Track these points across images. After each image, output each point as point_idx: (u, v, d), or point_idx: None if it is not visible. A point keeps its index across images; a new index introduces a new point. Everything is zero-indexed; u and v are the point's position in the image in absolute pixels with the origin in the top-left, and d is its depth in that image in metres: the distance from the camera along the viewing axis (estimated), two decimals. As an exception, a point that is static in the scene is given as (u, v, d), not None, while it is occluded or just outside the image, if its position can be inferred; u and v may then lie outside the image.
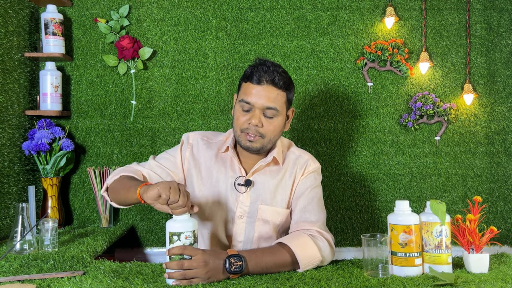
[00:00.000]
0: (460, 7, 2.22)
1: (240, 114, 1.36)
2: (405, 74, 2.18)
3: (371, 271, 1.16)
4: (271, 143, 1.39)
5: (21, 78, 1.96)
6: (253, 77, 1.34)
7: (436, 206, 1.17)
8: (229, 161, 1.44)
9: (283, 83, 1.35)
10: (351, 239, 2.18)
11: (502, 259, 1.30)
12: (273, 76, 1.33)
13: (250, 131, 1.34)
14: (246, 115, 1.35)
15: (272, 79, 1.33)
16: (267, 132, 1.35)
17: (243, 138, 1.36)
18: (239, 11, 2.18)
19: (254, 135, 1.34)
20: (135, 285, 1.09)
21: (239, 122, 1.36)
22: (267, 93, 1.33)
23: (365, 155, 2.19)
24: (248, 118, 1.34)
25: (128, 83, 2.15)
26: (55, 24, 2.01)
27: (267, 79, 1.33)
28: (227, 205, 1.42)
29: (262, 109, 1.33)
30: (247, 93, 1.34)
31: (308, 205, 1.40)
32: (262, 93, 1.32)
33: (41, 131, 1.94)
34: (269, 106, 1.33)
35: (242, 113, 1.36)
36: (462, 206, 2.18)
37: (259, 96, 1.32)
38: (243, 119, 1.35)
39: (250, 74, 1.35)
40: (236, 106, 1.39)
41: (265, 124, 1.34)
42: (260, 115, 1.34)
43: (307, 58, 2.18)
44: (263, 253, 1.22)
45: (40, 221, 1.51)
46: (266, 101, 1.32)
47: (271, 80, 1.33)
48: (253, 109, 1.34)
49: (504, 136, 2.21)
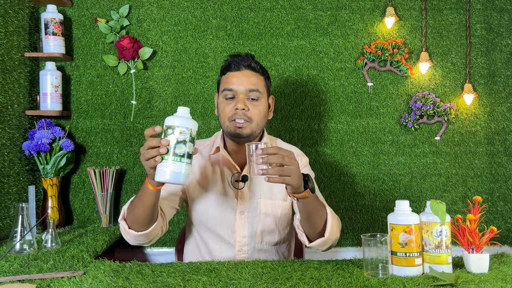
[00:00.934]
0: (460, 7, 2.22)
1: (225, 104, 1.39)
2: (405, 74, 2.18)
3: (371, 271, 1.16)
4: (259, 128, 1.40)
5: (21, 78, 1.96)
6: (231, 66, 1.41)
7: (436, 206, 1.17)
8: (222, 161, 1.45)
9: (260, 67, 1.42)
10: (351, 239, 2.18)
11: (502, 259, 1.30)
12: (249, 61, 1.40)
13: (237, 116, 1.36)
14: (231, 103, 1.38)
15: (249, 64, 1.40)
16: (253, 115, 1.37)
17: (232, 127, 1.38)
18: (239, 11, 2.18)
19: (242, 120, 1.36)
20: (135, 285, 1.09)
21: (226, 112, 1.38)
22: (247, 77, 1.38)
23: (365, 155, 2.19)
24: (233, 105, 1.37)
25: (128, 83, 2.15)
26: (55, 24, 2.01)
27: (244, 65, 1.40)
28: (227, 203, 1.42)
29: (245, 93, 1.37)
30: (228, 81, 1.39)
31: None
32: (242, 78, 1.38)
33: (41, 131, 1.94)
34: (252, 88, 1.37)
35: (226, 102, 1.39)
36: (462, 206, 2.18)
37: (240, 81, 1.38)
38: (229, 108, 1.38)
39: (227, 65, 1.42)
40: (220, 99, 1.42)
41: (251, 108, 1.37)
42: (244, 99, 1.37)
43: (307, 58, 2.18)
44: (318, 198, 1.25)
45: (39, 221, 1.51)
46: (248, 84, 1.37)
47: (248, 65, 1.40)
48: (236, 95, 1.38)
49: (504, 136, 2.21)
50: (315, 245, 1.27)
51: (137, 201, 1.24)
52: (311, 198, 1.20)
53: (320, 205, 1.26)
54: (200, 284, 1.09)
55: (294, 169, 1.12)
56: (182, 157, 1.07)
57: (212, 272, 1.20)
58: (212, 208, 1.44)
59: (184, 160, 1.07)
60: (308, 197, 1.19)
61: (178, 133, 1.06)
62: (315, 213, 1.24)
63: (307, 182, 1.17)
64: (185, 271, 1.21)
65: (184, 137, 1.06)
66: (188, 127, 1.07)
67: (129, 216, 1.28)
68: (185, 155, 1.07)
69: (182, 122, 1.07)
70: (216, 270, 1.22)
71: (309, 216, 1.24)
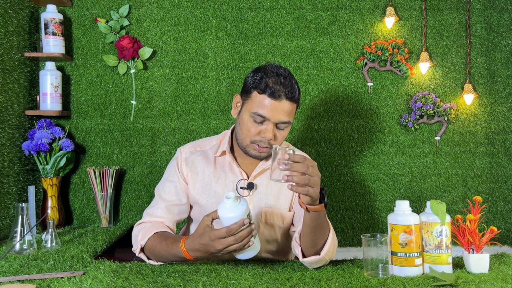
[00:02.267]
0: (460, 7, 2.22)
1: (252, 125, 1.30)
2: (405, 74, 2.18)
3: (371, 271, 1.16)
4: None
5: (21, 78, 1.96)
6: (268, 90, 1.26)
7: (436, 206, 1.17)
8: (228, 165, 1.42)
9: (298, 96, 1.31)
10: (351, 239, 2.18)
11: (502, 259, 1.30)
12: (293, 94, 1.28)
13: (262, 144, 1.31)
14: (258, 127, 1.30)
15: (292, 97, 1.28)
16: (277, 142, 1.33)
17: (252, 148, 1.33)
18: (239, 11, 2.18)
19: (266, 147, 1.32)
20: (135, 285, 1.09)
21: (250, 134, 1.31)
22: (283, 108, 1.28)
23: (365, 155, 2.19)
24: (260, 131, 1.30)
25: (128, 83, 2.15)
26: (55, 24, 2.01)
27: (286, 94, 1.26)
28: None
29: (276, 123, 1.30)
30: (262, 106, 1.27)
31: None
32: (279, 108, 1.27)
33: (41, 131, 1.94)
34: (285, 121, 1.30)
35: (254, 124, 1.30)
36: (462, 206, 2.18)
37: (276, 111, 1.27)
38: (255, 131, 1.30)
39: (265, 86, 1.27)
40: (246, 116, 1.32)
41: (277, 136, 1.32)
42: (274, 128, 1.30)
43: (307, 58, 2.18)
44: (326, 215, 1.24)
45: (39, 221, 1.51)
46: (282, 116, 1.28)
47: (290, 98, 1.28)
48: (266, 121, 1.29)
49: (504, 136, 2.21)
50: (308, 261, 1.24)
51: (163, 252, 1.25)
52: (321, 213, 1.18)
53: (326, 223, 1.23)
54: (200, 284, 1.09)
55: (317, 181, 1.10)
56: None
57: (212, 272, 1.20)
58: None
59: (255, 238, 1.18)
60: (320, 212, 1.17)
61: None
62: (320, 230, 1.21)
63: (323, 195, 1.16)
64: (185, 271, 1.21)
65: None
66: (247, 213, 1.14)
67: (149, 254, 1.31)
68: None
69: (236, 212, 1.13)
70: (216, 270, 1.22)
71: (314, 231, 1.21)
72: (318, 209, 1.15)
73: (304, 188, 1.08)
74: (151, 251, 1.29)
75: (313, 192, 1.10)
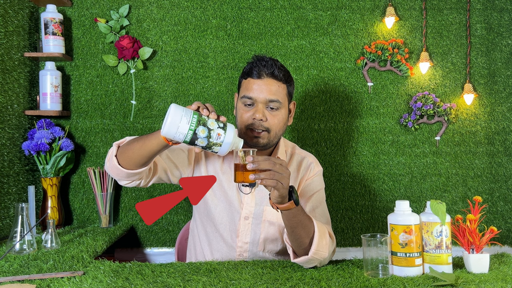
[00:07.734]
0: (460, 7, 2.22)
1: (243, 111, 1.35)
2: (405, 74, 2.18)
3: (371, 271, 1.16)
4: (276, 137, 1.38)
5: (21, 78, 1.96)
6: (252, 72, 1.34)
7: (436, 206, 1.17)
8: (232, 162, 1.43)
9: (283, 75, 1.35)
10: (351, 239, 2.18)
11: (502, 259, 1.30)
12: (272, 69, 1.33)
13: (255, 126, 1.33)
14: (249, 110, 1.34)
15: (272, 72, 1.33)
16: (272, 125, 1.34)
17: (248, 135, 1.35)
18: (239, 11, 2.18)
19: (259, 130, 1.33)
20: (135, 285, 1.09)
21: (243, 119, 1.35)
22: (268, 86, 1.33)
23: (365, 155, 2.19)
24: (251, 114, 1.33)
25: (128, 83, 2.15)
26: (55, 24, 2.01)
27: (266, 73, 1.33)
28: (233, 205, 1.42)
29: (265, 103, 1.33)
30: (248, 88, 1.34)
31: (317, 208, 1.41)
32: (263, 86, 1.33)
33: (41, 131, 1.93)
34: (272, 99, 1.33)
35: (245, 109, 1.35)
36: (462, 206, 2.18)
37: (261, 90, 1.32)
38: (247, 115, 1.34)
39: (249, 70, 1.35)
40: (238, 104, 1.38)
41: (269, 118, 1.34)
42: (263, 109, 1.33)
43: (307, 58, 2.18)
44: (304, 213, 1.22)
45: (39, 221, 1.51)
46: (268, 94, 1.32)
47: (271, 73, 1.33)
48: (255, 103, 1.33)
49: (504, 136, 2.21)
50: (298, 261, 1.23)
51: (137, 143, 1.20)
52: (295, 211, 1.17)
53: (306, 220, 1.21)
54: (200, 284, 1.09)
55: (286, 177, 1.10)
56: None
57: (212, 272, 1.20)
58: (219, 207, 1.42)
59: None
60: (292, 209, 1.16)
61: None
62: (300, 228, 1.20)
63: (291, 193, 1.15)
64: (185, 271, 1.21)
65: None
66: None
67: (121, 153, 1.25)
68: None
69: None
70: (216, 270, 1.22)
71: (294, 230, 1.20)
72: (288, 207, 1.15)
73: (273, 181, 1.09)
74: (124, 149, 1.23)
75: (281, 186, 1.10)
